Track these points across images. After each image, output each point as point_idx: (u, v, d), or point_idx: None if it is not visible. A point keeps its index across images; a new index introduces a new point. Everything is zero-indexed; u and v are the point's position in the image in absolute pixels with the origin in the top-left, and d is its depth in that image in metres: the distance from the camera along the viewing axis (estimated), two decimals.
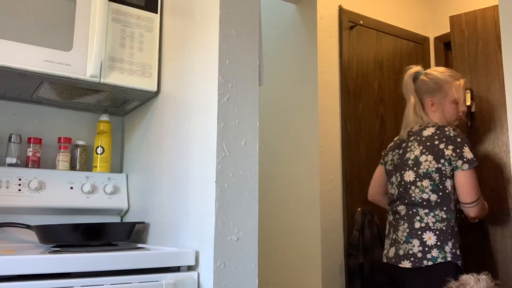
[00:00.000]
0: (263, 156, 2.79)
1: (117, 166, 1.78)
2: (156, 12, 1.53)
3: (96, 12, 1.39)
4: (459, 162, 1.84)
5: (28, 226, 1.45)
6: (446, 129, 1.91)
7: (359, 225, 2.43)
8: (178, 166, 1.35)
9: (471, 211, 1.84)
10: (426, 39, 3.01)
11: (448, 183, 1.86)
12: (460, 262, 1.79)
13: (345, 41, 2.62)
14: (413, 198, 1.90)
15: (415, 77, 2.07)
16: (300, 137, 2.57)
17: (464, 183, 1.83)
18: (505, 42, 1.62)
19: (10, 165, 1.54)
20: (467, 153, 1.84)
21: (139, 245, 1.45)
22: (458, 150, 1.84)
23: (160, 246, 1.37)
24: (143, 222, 1.50)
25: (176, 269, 1.18)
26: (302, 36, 2.63)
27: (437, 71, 2.05)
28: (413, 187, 1.91)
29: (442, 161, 1.86)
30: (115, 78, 1.43)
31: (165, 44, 1.52)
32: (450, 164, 1.85)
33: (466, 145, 1.86)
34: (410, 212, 1.91)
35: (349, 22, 2.65)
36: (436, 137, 1.90)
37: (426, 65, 2.97)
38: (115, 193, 1.64)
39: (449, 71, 2.06)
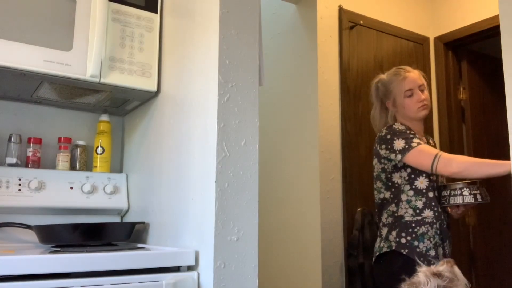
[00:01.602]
0: (263, 156, 2.79)
1: (117, 166, 1.78)
2: (156, 12, 1.53)
3: (96, 12, 1.39)
4: (393, 156, 1.92)
5: (28, 226, 1.45)
6: (385, 128, 2.00)
7: (359, 225, 2.43)
8: (178, 166, 1.35)
9: (442, 170, 1.85)
10: (426, 39, 3.01)
11: (396, 177, 1.95)
12: (406, 250, 1.85)
13: (345, 41, 2.62)
14: (376, 200, 2.05)
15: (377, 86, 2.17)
16: (300, 137, 2.57)
17: (415, 165, 1.90)
18: (505, 42, 1.62)
19: (10, 165, 1.54)
20: (397, 145, 1.91)
21: (139, 245, 1.45)
22: (389, 147, 1.93)
23: (160, 246, 1.37)
24: (143, 222, 1.50)
25: (176, 269, 1.18)
26: (302, 36, 2.63)
27: (385, 74, 2.15)
28: (375, 191, 2.05)
29: (382, 161, 1.98)
30: (115, 78, 1.43)
31: (165, 44, 1.52)
32: (389, 161, 1.95)
33: (396, 138, 1.92)
34: (378, 212, 2.05)
35: (349, 22, 2.65)
36: (376, 139, 2.03)
37: (426, 65, 2.97)
38: (115, 193, 1.64)
39: (396, 69, 2.12)
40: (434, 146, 2.16)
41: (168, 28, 1.52)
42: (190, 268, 1.20)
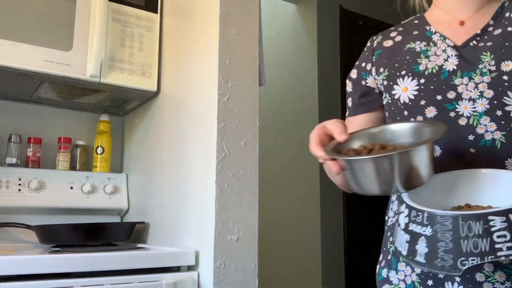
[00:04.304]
0: (263, 156, 2.79)
1: (117, 166, 1.78)
2: (156, 12, 1.53)
3: (96, 12, 1.39)
4: None
5: (28, 226, 1.45)
6: None
7: (359, 225, 2.43)
8: (178, 166, 1.35)
9: None
10: None
11: None
12: None
13: (345, 41, 2.62)
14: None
15: None
16: (300, 137, 2.57)
17: None
18: None
19: (10, 165, 1.54)
20: None
21: (139, 245, 1.45)
22: None
23: (160, 246, 1.37)
24: (143, 222, 1.50)
25: (176, 269, 1.18)
26: (302, 36, 2.63)
27: None
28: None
29: None
30: (115, 78, 1.43)
31: (165, 44, 1.52)
32: None
33: None
34: None
35: (349, 22, 2.65)
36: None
37: None
38: (115, 193, 1.64)
39: None
40: None
41: (168, 28, 1.52)
42: (190, 268, 1.20)
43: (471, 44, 0.85)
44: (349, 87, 1.05)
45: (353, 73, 1.03)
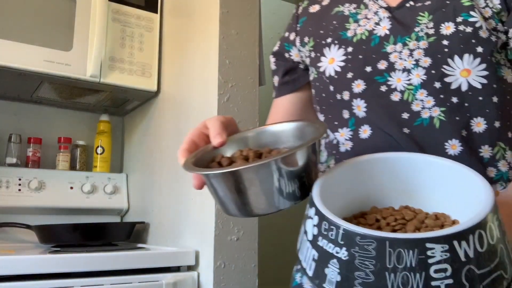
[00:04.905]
0: None
1: (117, 166, 1.78)
2: (156, 12, 1.53)
3: (96, 12, 1.39)
4: None
5: (28, 226, 1.45)
6: None
7: None
8: (178, 166, 1.35)
9: None
10: None
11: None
12: None
13: None
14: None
15: None
16: None
17: None
18: None
19: (10, 165, 1.54)
20: None
21: (139, 245, 1.45)
22: None
23: (160, 246, 1.37)
24: (143, 222, 1.50)
25: (176, 269, 1.18)
26: None
27: None
28: None
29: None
30: (115, 78, 1.43)
31: (165, 44, 1.52)
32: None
33: None
34: None
35: None
36: None
37: None
38: (115, 193, 1.64)
39: None
40: None
41: (168, 28, 1.52)
42: (190, 268, 1.20)
43: (408, 4, 0.71)
44: (272, 63, 0.90)
45: (276, 46, 0.89)
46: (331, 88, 0.74)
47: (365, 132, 0.69)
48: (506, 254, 0.46)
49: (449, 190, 0.55)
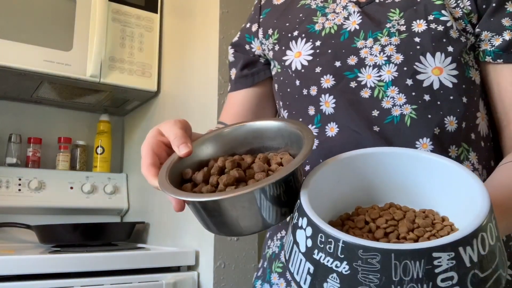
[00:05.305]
0: None
1: (117, 166, 1.78)
2: (156, 12, 1.53)
3: (96, 12, 1.39)
4: None
5: (28, 226, 1.45)
6: None
7: None
8: None
9: None
10: None
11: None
12: None
13: None
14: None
15: None
16: None
17: None
18: None
19: (10, 165, 1.54)
20: None
21: (139, 245, 1.45)
22: None
23: (160, 246, 1.37)
24: (143, 222, 1.50)
25: (176, 269, 1.18)
26: None
27: None
28: None
29: None
30: (115, 78, 1.43)
31: (165, 44, 1.52)
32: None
33: None
34: None
35: None
36: None
37: None
38: (115, 193, 1.64)
39: None
40: None
41: (168, 28, 1.52)
42: (190, 268, 1.20)
43: (377, 0, 0.69)
44: (230, 55, 0.85)
45: (236, 37, 0.85)
46: (297, 82, 0.71)
47: (332, 130, 0.67)
48: (502, 251, 0.45)
49: (436, 185, 0.53)
